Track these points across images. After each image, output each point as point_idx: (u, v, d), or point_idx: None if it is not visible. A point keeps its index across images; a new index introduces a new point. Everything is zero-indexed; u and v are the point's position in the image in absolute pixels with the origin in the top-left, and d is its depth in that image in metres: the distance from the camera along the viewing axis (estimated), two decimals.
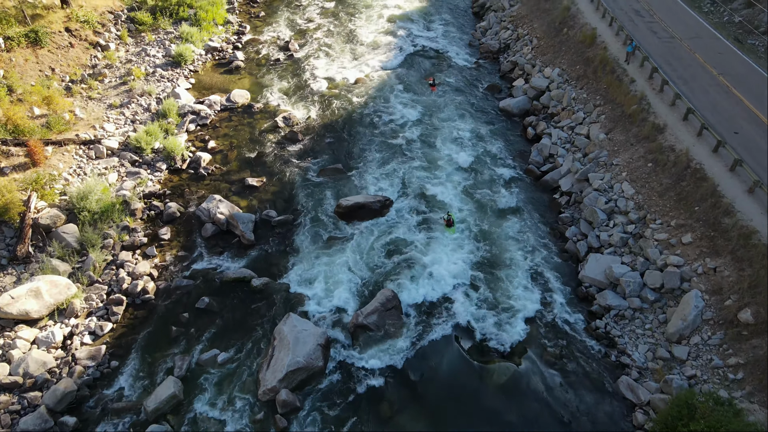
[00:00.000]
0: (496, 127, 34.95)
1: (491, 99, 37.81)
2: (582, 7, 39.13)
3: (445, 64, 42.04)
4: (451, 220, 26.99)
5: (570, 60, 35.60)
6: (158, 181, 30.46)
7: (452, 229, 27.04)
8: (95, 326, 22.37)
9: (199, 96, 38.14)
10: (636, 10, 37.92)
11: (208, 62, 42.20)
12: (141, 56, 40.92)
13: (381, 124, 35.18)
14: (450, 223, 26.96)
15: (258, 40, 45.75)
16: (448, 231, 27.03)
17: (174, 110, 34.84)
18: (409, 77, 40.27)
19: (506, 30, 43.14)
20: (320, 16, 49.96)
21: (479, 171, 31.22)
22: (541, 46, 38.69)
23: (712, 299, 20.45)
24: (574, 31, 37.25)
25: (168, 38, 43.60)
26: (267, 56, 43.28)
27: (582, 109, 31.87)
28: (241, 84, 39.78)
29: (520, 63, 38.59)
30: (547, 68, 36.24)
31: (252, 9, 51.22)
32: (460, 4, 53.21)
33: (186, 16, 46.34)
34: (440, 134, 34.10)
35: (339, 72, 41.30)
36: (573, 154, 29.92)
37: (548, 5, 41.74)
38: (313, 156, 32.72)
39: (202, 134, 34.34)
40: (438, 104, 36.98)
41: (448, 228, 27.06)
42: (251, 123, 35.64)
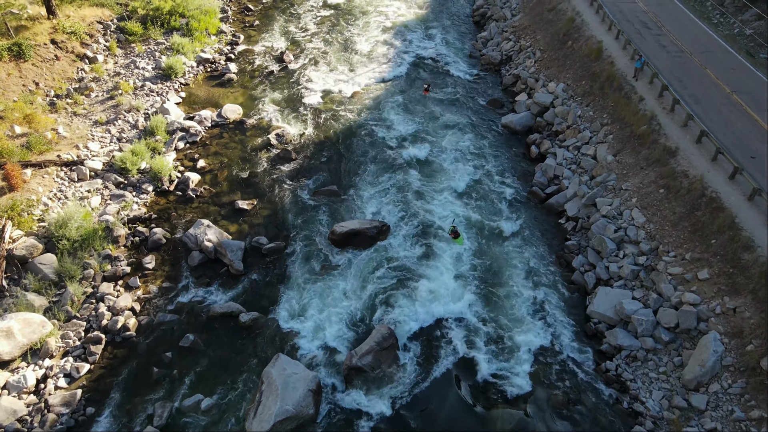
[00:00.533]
0: (498, 145, 33.53)
1: (493, 114, 36.39)
2: (587, 18, 37.71)
3: (444, 77, 40.62)
4: (457, 231, 25.93)
5: (575, 75, 34.19)
6: (144, 204, 29.02)
7: (460, 239, 25.93)
8: (71, 368, 20.93)
9: (189, 111, 36.71)
10: (643, 22, 36.51)
11: (199, 74, 40.77)
12: (130, 69, 39.50)
13: (378, 141, 33.76)
14: (456, 234, 25.86)
15: (252, 50, 44.33)
16: (456, 243, 26.00)
17: (162, 127, 33.41)
18: (407, 90, 38.86)
19: (508, 41, 41.73)
20: (316, 25, 48.56)
21: (480, 192, 29.80)
22: (544, 59, 37.27)
23: (732, 343, 19.02)
24: (579, 44, 35.84)
25: (159, 49, 42.18)
26: (261, 68, 41.86)
27: (588, 128, 30.45)
28: (234, 98, 38.36)
29: (523, 77, 37.17)
30: (551, 83, 34.83)
31: (246, 18, 49.80)
32: (461, 11, 51.81)
33: (178, 26, 44.94)
34: (440, 152, 32.68)
35: (335, 84, 39.89)
36: (579, 176, 28.50)
37: (552, 16, 40.33)
38: (306, 176, 31.29)
39: (191, 152, 32.90)
40: (437, 120, 35.57)
41: (455, 240, 25.96)
42: (243, 140, 34.21)
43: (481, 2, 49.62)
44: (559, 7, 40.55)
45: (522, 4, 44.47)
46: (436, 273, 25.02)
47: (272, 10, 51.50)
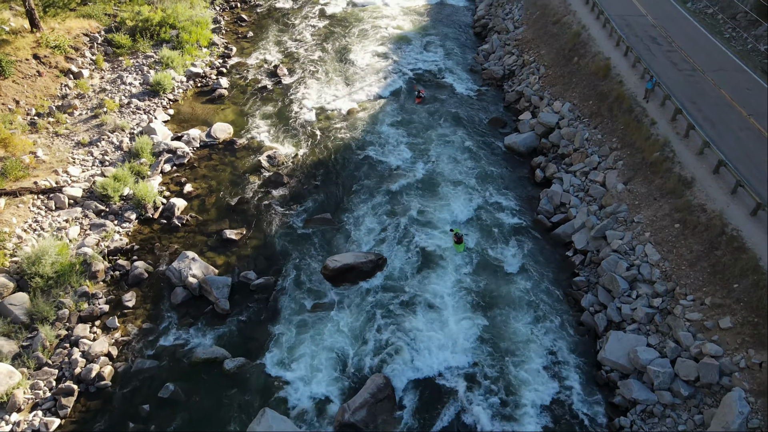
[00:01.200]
0: (500, 168, 31.90)
1: (495, 134, 34.75)
2: (594, 33, 36.07)
3: (445, 92, 38.99)
4: (460, 236, 25.84)
5: (582, 94, 32.56)
6: (126, 234, 27.37)
7: (461, 246, 25.84)
8: (40, 423, 19.29)
9: (177, 129, 35.08)
10: (653, 38, 34.88)
11: (189, 90, 39.11)
12: (116, 84, 37.85)
13: (374, 163, 32.13)
14: (459, 239, 25.78)
15: (245, 64, 42.68)
16: (456, 248, 25.85)
17: (148, 149, 31.77)
18: (405, 107, 37.22)
19: (511, 55, 40.09)
20: (311, 36, 46.91)
21: (482, 220, 28.18)
22: (549, 75, 35.65)
23: (759, 402, 17.40)
24: (585, 61, 34.21)
25: (147, 63, 40.54)
26: (253, 82, 40.21)
27: (596, 152, 28.82)
28: (224, 115, 36.71)
29: (527, 94, 35.54)
30: (556, 102, 33.20)
31: (239, 29, 48.15)
32: (461, 20, 50.15)
33: (168, 38, 43.30)
34: (439, 175, 31.05)
35: (330, 101, 38.25)
36: (588, 205, 26.88)
37: (556, 29, 38.70)
38: (298, 202, 29.66)
39: (178, 176, 31.26)
40: (437, 140, 33.94)
41: (457, 245, 25.88)
42: (233, 162, 32.57)
43: (482, 12, 47.99)
44: (563, 20, 38.93)
45: (525, 16, 42.85)
46: (436, 315, 23.39)
47: (266, 20, 49.86)
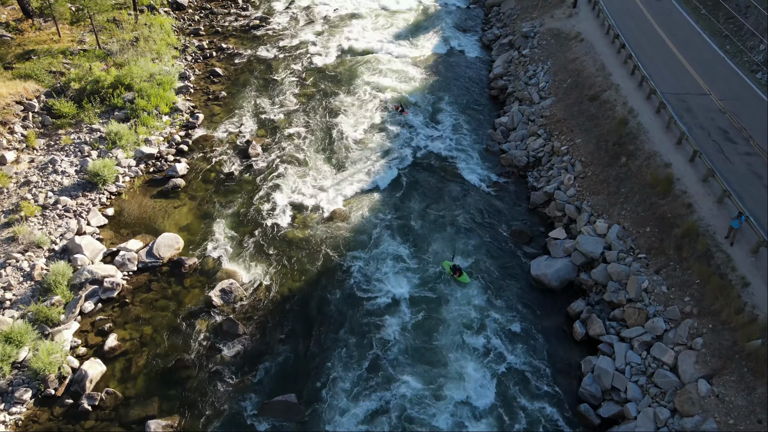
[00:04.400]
0: (525, 311, 24.19)
1: (518, 255, 26.99)
2: (645, 121, 28.26)
3: (454, 185, 31.29)
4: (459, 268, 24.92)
5: (635, 214, 24.76)
6: (14, 425, 19.92)
7: (464, 277, 24.86)
8: None
9: (114, 239, 27.69)
10: (723, 130, 27.04)
11: (137, 179, 31.67)
12: (46, 172, 30.53)
13: (359, 303, 24.50)
14: (459, 272, 24.87)
15: (211, 138, 35.18)
16: (460, 281, 24.79)
17: (65, 280, 24.40)
18: (403, 210, 29.57)
19: (536, 137, 32.32)
20: (295, 98, 39.36)
21: (504, 409, 20.47)
22: (588, 177, 27.85)
23: None
24: (637, 164, 26.41)
25: (91, 140, 33.20)
26: (218, 166, 32.72)
27: (662, 313, 21.01)
28: (177, 217, 29.23)
29: (559, 200, 27.76)
30: (600, 220, 25.41)
31: (211, 86, 40.69)
32: (475, 77, 42.37)
33: (120, 103, 35.93)
34: (443, 327, 23.38)
35: (310, 196, 30.66)
36: (653, 401, 19.12)
37: (594, 109, 30.90)
38: (256, 369, 22.05)
39: (102, 320, 23.78)
40: (440, 263, 26.25)
41: (459, 279, 24.84)
42: (177, 295, 25.07)
43: (499, 70, 40.23)
44: (604, 96, 31.14)
45: (553, 84, 35.08)
46: None
47: (245, 74, 42.37)
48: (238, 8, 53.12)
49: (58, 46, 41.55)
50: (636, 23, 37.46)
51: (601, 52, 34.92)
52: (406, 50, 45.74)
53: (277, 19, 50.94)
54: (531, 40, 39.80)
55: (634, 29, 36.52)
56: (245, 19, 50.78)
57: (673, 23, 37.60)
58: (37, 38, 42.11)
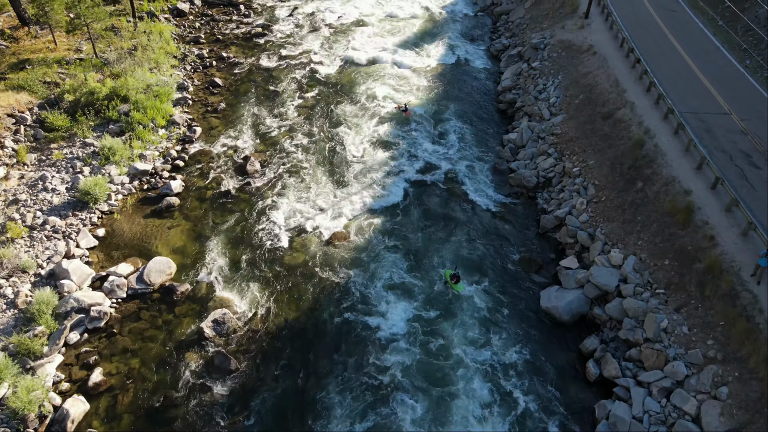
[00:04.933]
0: (535, 347, 22.78)
1: (526, 284, 25.58)
2: (662, 143, 26.78)
3: (460, 206, 29.92)
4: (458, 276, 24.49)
5: (653, 244, 23.30)
6: None
7: (460, 285, 24.54)
8: None
9: (104, 262, 26.52)
10: (746, 154, 25.56)
11: (130, 197, 30.48)
12: (36, 190, 29.40)
13: (360, 337, 23.17)
14: (456, 279, 24.45)
15: (208, 152, 33.97)
16: (455, 289, 24.45)
17: (50, 309, 23.21)
18: (407, 234, 28.22)
19: (547, 156, 30.88)
20: (296, 110, 38.09)
21: None
22: (602, 201, 26.40)
23: None
24: (654, 189, 24.95)
25: (84, 155, 32.07)
26: (215, 184, 31.49)
27: (684, 358, 19.57)
28: (170, 238, 28.01)
29: (571, 226, 26.33)
30: (614, 249, 23.96)
31: (210, 98, 39.47)
32: (482, 88, 40.95)
33: (116, 116, 34.78)
34: (449, 364, 22.03)
35: (309, 217, 29.36)
36: None
37: (608, 128, 29.45)
38: (247, 409, 20.75)
39: (87, 352, 22.58)
40: (446, 295, 24.90)
41: (455, 286, 24.46)
42: (167, 325, 23.82)
43: (508, 83, 38.79)
44: (618, 115, 29.68)
45: (564, 100, 33.62)
46: None
47: (245, 84, 41.15)
48: (240, 15, 51.97)
49: (53, 55, 40.51)
50: (651, 36, 35.97)
51: (615, 66, 33.45)
52: (412, 60, 44.39)
53: (279, 26, 49.74)
54: (541, 52, 38.36)
55: (649, 42, 35.03)
56: (247, 26, 49.61)
57: (690, 36, 36.09)
58: (33, 47, 41.08)
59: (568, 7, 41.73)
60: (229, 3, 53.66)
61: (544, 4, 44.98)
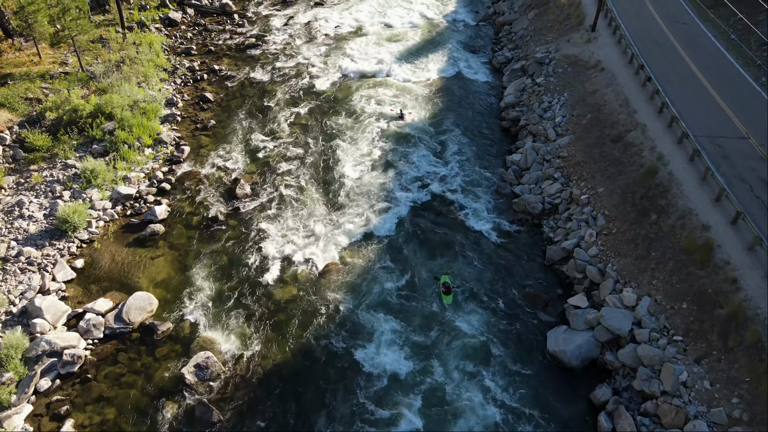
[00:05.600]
0: (542, 395, 21.09)
1: (532, 323, 23.89)
2: (677, 170, 25.11)
3: (461, 234, 28.26)
4: (449, 287, 24.22)
5: (669, 285, 21.62)
6: None
7: (449, 297, 24.15)
8: None
9: (82, 297, 24.92)
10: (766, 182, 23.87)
11: (113, 223, 28.86)
12: (11, 217, 27.79)
13: (355, 383, 21.48)
14: (447, 290, 24.19)
15: (197, 173, 32.32)
16: (445, 300, 24.09)
17: (20, 353, 21.56)
18: (404, 266, 26.54)
19: (553, 181, 29.21)
20: (290, 128, 36.44)
21: None
22: (612, 234, 24.72)
23: None
24: (669, 223, 23.27)
25: (65, 177, 30.48)
26: (202, 209, 29.85)
27: (706, 417, 17.89)
28: (153, 270, 26.38)
29: (580, 260, 24.65)
30: (627, 290, 22.28)
31: (200, 114, 37.83)
32: (484, 104, 39.27)
33: (99, 135, 33.16)
34: (449, 412, 20.37)
35: (302, 246, 27.70)
36: None
37: (618, 153, 27.78)
38: None
39: (59, 400, 20.94)
40: (445, 334, 23.25)
41: (445, 296, 24.18)
42: (147, 369, 22.18)
43: (511, 98, 37.10)
44: (628, 138, 28.01)
45: (571, 119, 31.95)
46: None
47: (237, 99, 39.51)
48: (233, 24, 50.34)
49: (37, 69, 38.92)
50: (661, 51, 34.29)
51: (624, 84, 31.79)
52: (411, 73, 42.76)
53: (274, 36, 48.09)
54: (546, 67, 36.69)
55: (659, 58, 33.36)
56: (240, 36, 47.97)
57: (702, 51, 34.40)
58: (17, 60, 39.49)
59: (574, 19, 40.05)
60: (223, 12, 52.05)
61: (549, 15, 43.32)
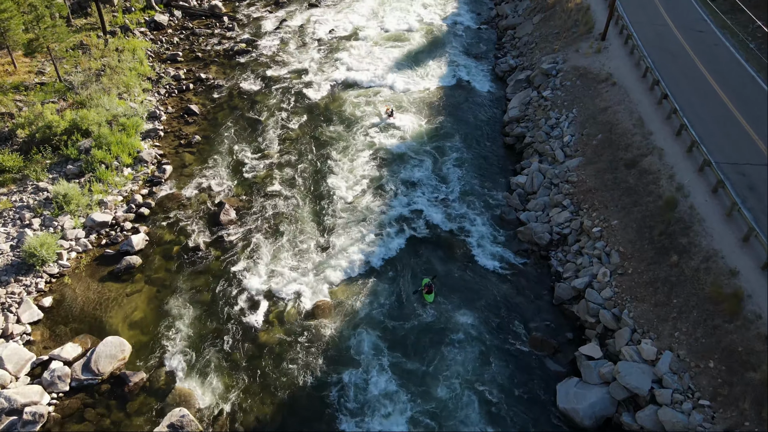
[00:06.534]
0: None
1: (539, 373, 21.81)
2: (699, 203, 22.92)
3: (462, 268, 26.14)
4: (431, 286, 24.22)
5: (693, 338, 19.51)
6: None
7: (431, 296, 24.20)
8: None
9: (48, 342, 22.86)
10: None
11: (86, 254, 26.72)
12: None
13: None
14: (430, 290, 24.20)
15: (178, 196, 30.14)
16: (427, 299, 24.17)
17: None
18: (399, 305, 24.43)
19: (561, 209, 27.02)
20: (279, 145, 34.19)
21: None
22: (628, 275, 22.58)
23: None
24: (692, 265, 21.12)
25: (35, 202, 28.32)
26: (184, 237, 27.71)
27: None
28: (128, 308, 24.28)
29: (592, 302, 22.52)
30: (645, 340, 20.18)
31: (185, 128, 35.55)
32: (486, 116, 36.99)
33: (75, 154, 30.95)
34: None
35: (290, 282, 25.58)
36: None
37: (633, 180, 25.58)
38: None
39: None
40: (444, 383, 21.19)
41: (426, 296, 24.24)
42: (117, 426, 20.17)
43: (515, 113, 34.80)
44: (644, 163, 25.80)
45: (580, 139, 29.70)
46: None
47: (224, 111, 37.22)
48: (222, 28, 47.88)
49: (12, 80, 36.70)
50: (677, 63, 31.99)
51: (638, 101, 29.54)
52: (409, 82, 40.43)
53: (265, 41, 45.67)
54: (553, 80, 34.38)
55: (675, 71, 31.07)
56: (230, 41, 45.55)
57: (721, 63, 32.11)
58: None
59: (582, 27, 37.66)
60: (212, 14, 49.59)
61: (555, 21, 40.91)
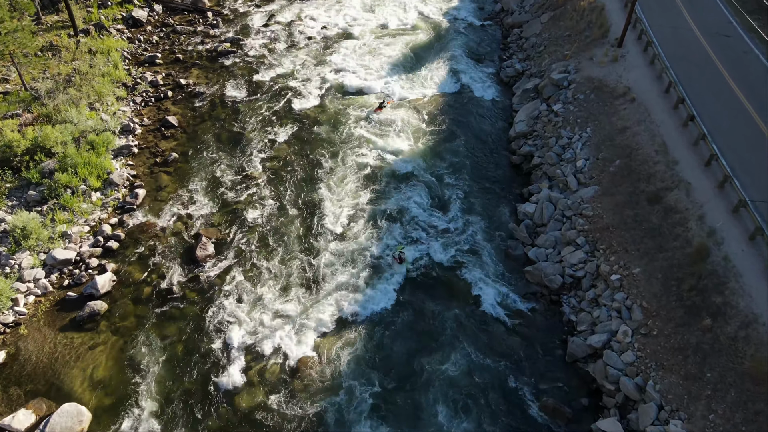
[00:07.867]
0: None
1: None
2: (734, 254, 20.14)
3: (465, 316, 23.48)
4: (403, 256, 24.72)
5: (731, 424, 16.93)
6: None
7: (405, 263, 24.61)
8: None
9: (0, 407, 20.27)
10: None
11: (45, 299, 24.03)
12: None
13: None
14: (401, 260, 24.64)
15: (152, 226, 27.35)
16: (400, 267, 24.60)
17: None
18: (393, 359, 21.85)
19: (575, 249, 24.23)
20: (262, 164, 31.23)
21: None
22: (653, 337, 19.91)
23: None
24: (728, 332, 18.45)
25: None
26: (156, 276, 25.00)
27: None
28: (91, 364, 21.71)
29: (611, 367, 19.88)
30: (674, 420, 17.60)
31: (161, 143, 32.54)
32: (490, 129, 34.00)
33: (36, 178, 28.05)
34: None
35: (272, 332, 22.93)
36: None
37: (657, 219, 22.74)
38: None
39: None
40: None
41: (399, 264, 24.66)
42: None
43: (523, 127, 31.76)
44: (669, 199, 22.93)
45: (596, 164, 26.75)
46: None
47: (205, 125, 34.14)
48: (206, 25, 44.40)
49: None
50: (703, 75, 28.90)
51: (661, 122, 26.55)
52: (406, 88, 37.28)
53: (251, 40, 42.27)
54: (564, 92, 31.26)
55: (702, 86, 28.02)
56: (213, 40, 42.15)
57: (752, 75, 29.04)
58: None
59: (597, 30, 34.33)
60: (195, 9, 46.02)
61: (566, 21, 37.52)
